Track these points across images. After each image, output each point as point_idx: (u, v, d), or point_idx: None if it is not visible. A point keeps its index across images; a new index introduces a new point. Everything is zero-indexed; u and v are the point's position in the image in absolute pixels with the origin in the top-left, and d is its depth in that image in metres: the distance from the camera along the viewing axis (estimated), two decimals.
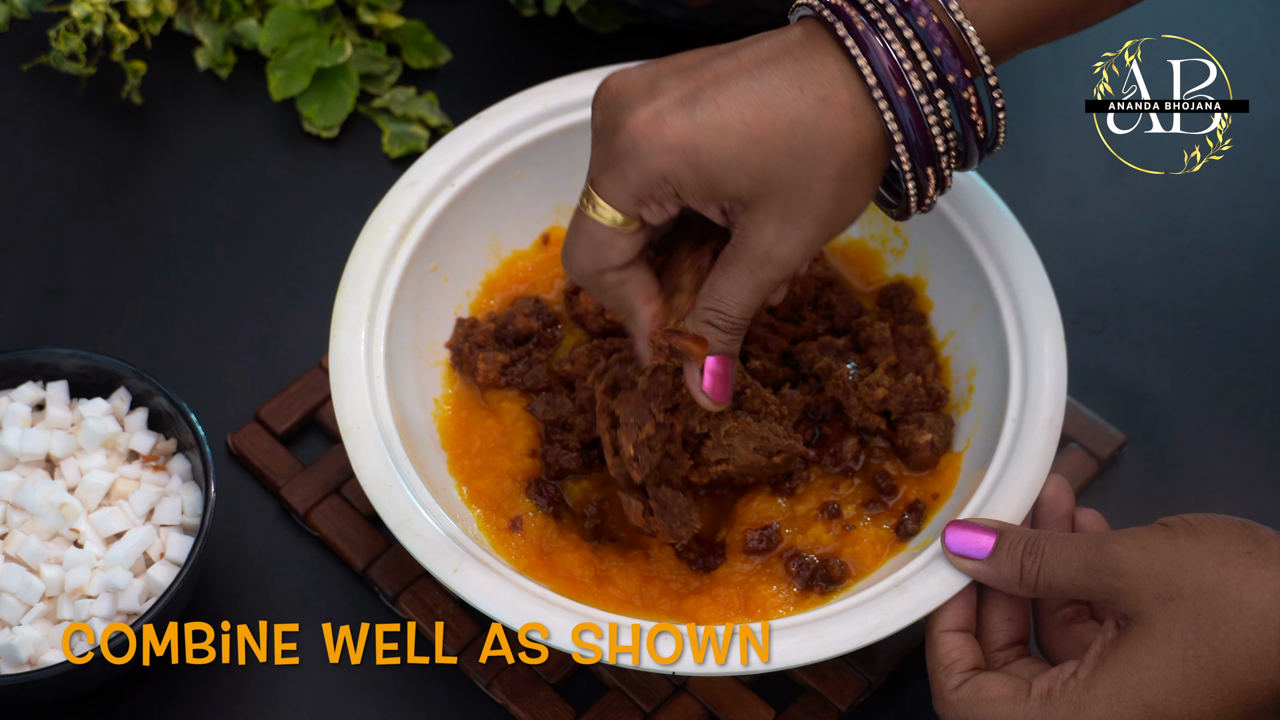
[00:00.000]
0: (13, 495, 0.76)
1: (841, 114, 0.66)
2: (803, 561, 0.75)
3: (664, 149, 0.66)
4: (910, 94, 0.66)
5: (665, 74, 0.67)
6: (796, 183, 0.66)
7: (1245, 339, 0.89)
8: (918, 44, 0.66)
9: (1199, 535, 0.65)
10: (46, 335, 0.89)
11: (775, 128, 0.66)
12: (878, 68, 0.65)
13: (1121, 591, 0.65)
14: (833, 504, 0.77)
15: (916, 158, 0.67)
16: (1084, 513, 0.73)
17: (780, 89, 0.66)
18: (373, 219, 0.80)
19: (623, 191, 0.67)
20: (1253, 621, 0.63)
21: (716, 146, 0.66)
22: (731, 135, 0.66)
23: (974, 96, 0.67)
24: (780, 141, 0.66)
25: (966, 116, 0.67)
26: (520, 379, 0.80)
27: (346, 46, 0.95)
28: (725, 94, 0.66)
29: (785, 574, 0.75)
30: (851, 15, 0.66)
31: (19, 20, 0.99)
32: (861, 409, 0.78)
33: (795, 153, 0.66)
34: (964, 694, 0.68)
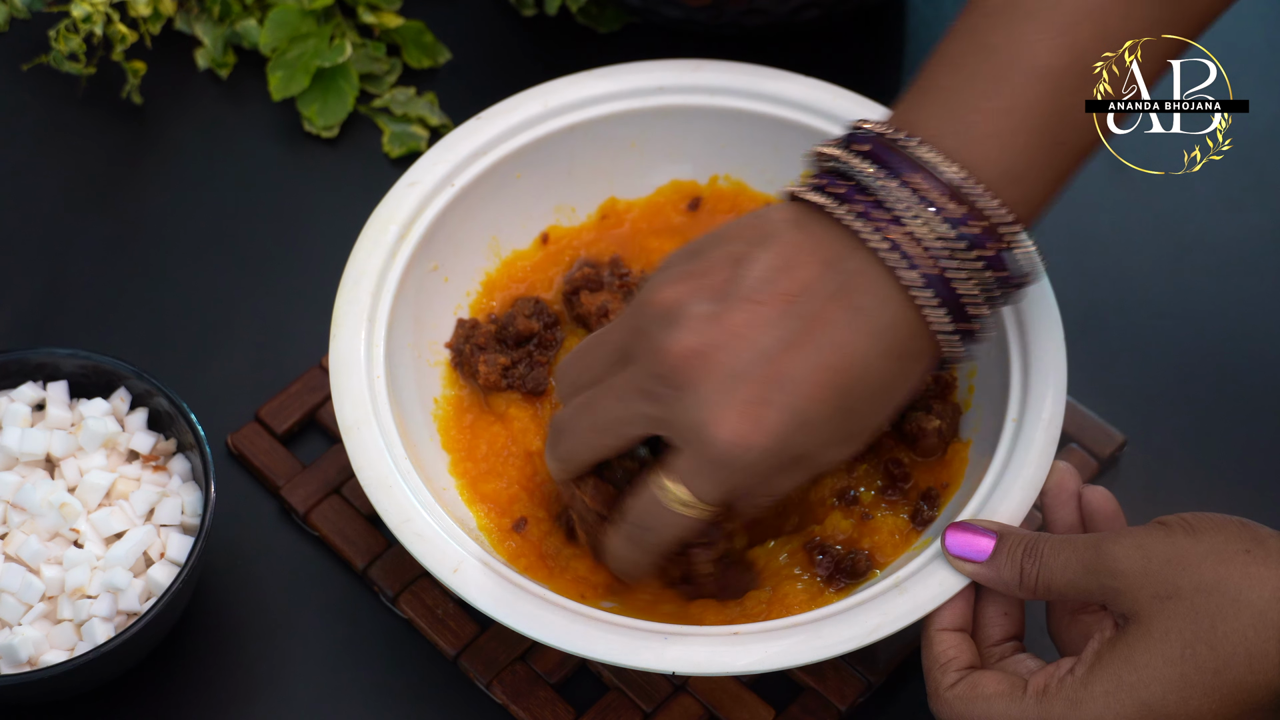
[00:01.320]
0: (13, 495, 0.76)
1: (918, 359, 0.67)
2: (827, 551, 0.75)
3: (766, 454, 0.65)
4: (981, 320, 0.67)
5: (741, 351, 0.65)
6: (870, 423, 0.68)
7: (1245, 339, 0.89)
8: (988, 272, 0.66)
9: (1197, 534, 0.65)
10: (46, 335, 0.89)
11: (862, 399, 0.66)
12: (954, 311, 0.66)
13: (1119, 591, 0.65)
14: (848, 490, 0.77)
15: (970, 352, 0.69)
16: (1091, 490, 0.73)
17: (865, 356, 0.65)
18: (373, 219, 0.80)
19: (727, 494, 0.67)
20: (1251, 620, 0.63)
21: (813, 436, 0.66)
22: (828, 425, 0.66)
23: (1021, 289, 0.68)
24: (868, 406, 0.67)
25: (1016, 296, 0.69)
26: (521, 381, 0.80)
27: (346, 46, 0.95)
28: (812, 379, 0.65)
29: (810, 564, 0.75)
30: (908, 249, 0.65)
31: (19, 20, 0.99)
32: None
33: (878, 407, 0.68)
34: (959, 691, 0.68)
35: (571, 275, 0.83)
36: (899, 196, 0.65)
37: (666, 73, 0.84)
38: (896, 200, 0.65)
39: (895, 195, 0.65)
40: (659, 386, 0.66)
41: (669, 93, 0.84)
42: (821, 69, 0.87)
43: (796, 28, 0.93)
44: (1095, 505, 0.72)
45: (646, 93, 0.84)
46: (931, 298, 0.65)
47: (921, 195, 0.65)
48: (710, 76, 0.84)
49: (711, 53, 0.90)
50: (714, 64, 0.84)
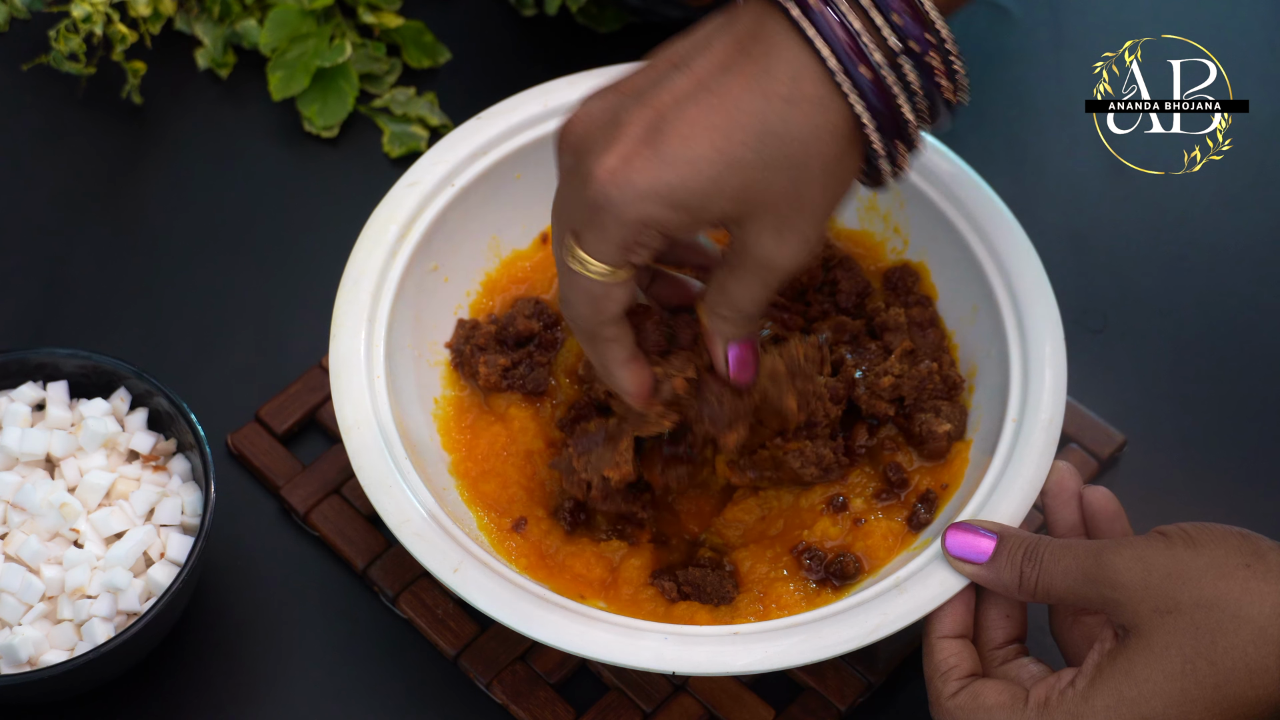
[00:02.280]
0: (13, 495, 0.76)
1: (810, 110, 0.63)
2: (814, 555, 0.75)
3: (638, 197, 0.63)
4: (875, 73, 0.63)
5: (625, 104, 0.64)
6: (781, 192, 0.64)
7: (1245, 339, 0.89)
8: (876, 12, 0.63)
9: (1197, 546, 0.65)
10: (46, 335, 0.89)
11: (746, 145, 0.63)
12: (837, 48, 0.62)
13: (1119, 603, 0.65)
14: (838, 497, 0.77)
15: (887, 133, 0.65)
16: (1092, 490, 0.72)
17: (742, 99, 0.63)
18: (373, 219, 0.80)
19: (606, 245, 0.65)
20: (1251, 636, 0.63)
21: (691, 180, 0.63)
22: (703, 164, 0.63)
23: (937, 59, 0.64)
24: (754, 157, 0.63)
25: (932, 81, 0.64)
26: (521, 382, 0.80)
27: (346, 46, 0.95)
28: (687, 119, 0.63)
29: (799, 568, 0.75)
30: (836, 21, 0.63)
31: (19, 20, 0.99)
32: (869, 397, 0.78)
33: (772, 164, 0.64)
34: (960, 701, 0.68)
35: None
36: None
37: None
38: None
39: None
40: (566, 159, 0.66)
41: None
42: None
43: None
44: (1096, 505, 0.72)
45: None
46: (812, 28, 0.63)
47: None
48: None
49: None
50: None
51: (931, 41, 0.63)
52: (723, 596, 0.74)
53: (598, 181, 0.63)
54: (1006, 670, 0.69)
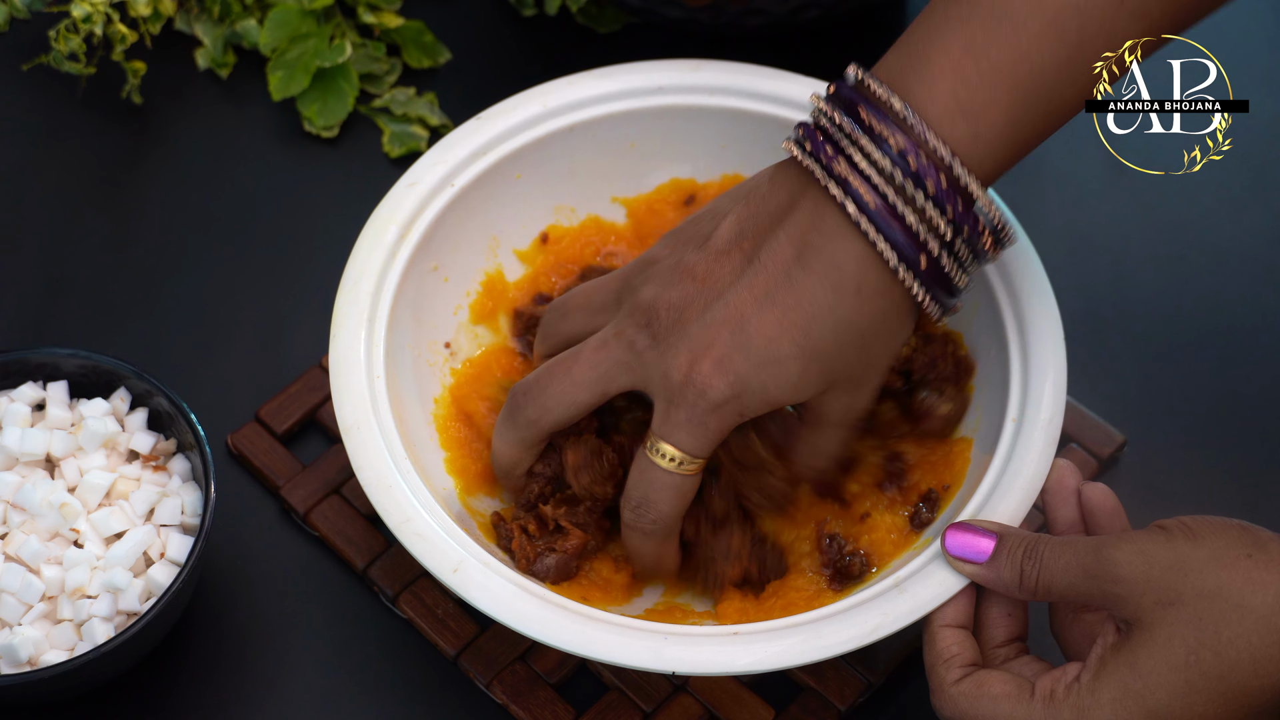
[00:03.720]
0: (13, 495, 0.76)
1: (877, 298, 0.68)
2: (834, 540, 0.76)
3: (735, 397, 0.68)
4: (931, 259, 0.67)
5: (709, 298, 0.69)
6: (854, 365, 0.70)
7: (1246, 339, 0.89)
8: (932, 208, 0.67)
9: (1198, 539, 0.65)
10: (46, 335, 0.89)
11: (824, 339, 0.68)
12: (896, 244, 0.67)
13: (1121, 598, 0.65)
14: (845, 460, 0.77)
15: (941, 300, 0.69)
16: (1091, 487, 0.73)
17: (817, 296, 0.68)
18: (373, 219, 0.80)
19: (702, 442, 0.70)
20: (1255, 626, 0.63)
21: (780, 378, 0.68)
22: (789, 363, 0.68)
23: (987, 233, 0.69)
24: (832, 348, 0.68)
25: (983, 249, 0.69)
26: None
27: (346, 46, 0.95)
28: (770, 321, 0.68)
29: (815, 550, 0.76)
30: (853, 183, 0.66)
31: (19, 20, 0.99)
32: None
33: (847, 347, 0.69)
34: (965, 689, 0.68)
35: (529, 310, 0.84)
36: (849, 134, 0.67)
37: (666, 73, 0.84)
38: (845, 137, 0.67)
39: (846, 133, 0.67)
40: (642, 337, 0.70)
41: (668, 93, 0.84)
42: (821, 69, 0.87)
43: (796, 28, 0.94)
44: (1095, 502, 0.72)
45: (646, 93, 0.84)
46: (872, 227, 0.67)
47: (869, 130, 0.67)
48: (710, 76, 0.84)
49: (711, 53, 0.90)
50: (714, 64, 0.84)
51: (981, 225, 0.68)
52: (780, 572, 0.75)
53: (697, 386, 0.69)
54: (1008, 668, 0.69)
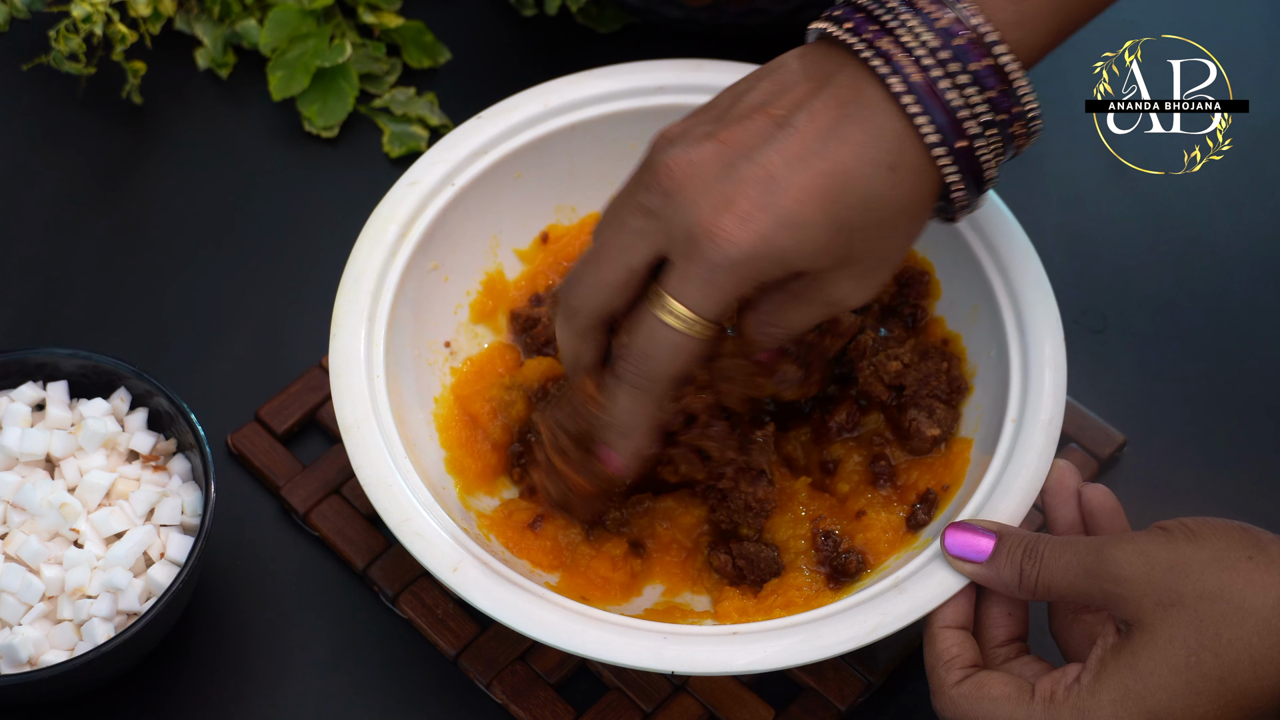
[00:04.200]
0: (13, 495, 0.76)
1: (911, 177, 0.66)
2: (830, 537, 0.75)
3: (755, 256, 0.66)
4: (970, 142, 0.66)
5: (735, 161, 0.66)
6: (873, 248, 0.68)
7: (1246, 339, 0.89)
8: (974, 89, 0.66)
9: (1199, 540, 0.65)
10: (46, 335, 0.89)
11: (853, 209, 0.66)
12: (939, 121, 0.66)
13: (1122, 598, 0.65)
14: (829, 463, 0.77)
15: (970, 189, 0.68)
16: (1091, 488, 0.73)
17: (852, 166, 0.66)
18: (373, 219, 0.80)
19: (714, 300, 0.67)
20: (1256, 627, 0.63)
21: (805, 243, 0.66)
22: (814, 229, 0.66)
23: (1020, 126, 0.67)
24: (858, 219, 0.66)
25: (1013, 143, 0.68)
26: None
27: (346, 46, 0.95)
28: (799, 184, 0.66)
29: (811, 549, 0.75)
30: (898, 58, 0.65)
31: (19, 20, 0.99)
32: (871, 375, 0.77)
33: (872, 225, 0.67)
34: (965, 690, 0.68)
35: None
36: (890, 8, 0.66)
37: (666, 72, 0.84)
38: (887, 12, 0.66)
39: (890, 7, 0.66)
40: (654, 199, 0.67)
41: (669, 92, 0.84)
42: None
43: (797, 28, 0.93)
44: (1095, 503, 0.72)
45: (646, 92, 0.84)
46: (916, 104, 0.66)
47: (913, 5, 0.66)
48: (710, 76, 0.84)
49: (712, 53, 0.90)
50: (714, 64, 0.84)
51: (1017, 110, 0.66)
52: (774, 571, 0.75)
53: (715, 239, 0.65)
54: (1009, 668, 0.69)
